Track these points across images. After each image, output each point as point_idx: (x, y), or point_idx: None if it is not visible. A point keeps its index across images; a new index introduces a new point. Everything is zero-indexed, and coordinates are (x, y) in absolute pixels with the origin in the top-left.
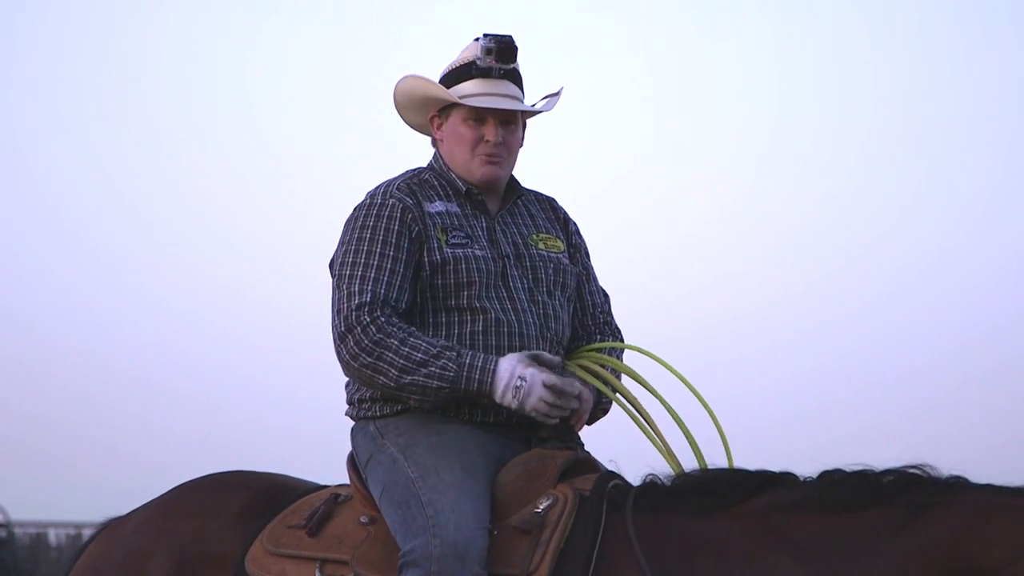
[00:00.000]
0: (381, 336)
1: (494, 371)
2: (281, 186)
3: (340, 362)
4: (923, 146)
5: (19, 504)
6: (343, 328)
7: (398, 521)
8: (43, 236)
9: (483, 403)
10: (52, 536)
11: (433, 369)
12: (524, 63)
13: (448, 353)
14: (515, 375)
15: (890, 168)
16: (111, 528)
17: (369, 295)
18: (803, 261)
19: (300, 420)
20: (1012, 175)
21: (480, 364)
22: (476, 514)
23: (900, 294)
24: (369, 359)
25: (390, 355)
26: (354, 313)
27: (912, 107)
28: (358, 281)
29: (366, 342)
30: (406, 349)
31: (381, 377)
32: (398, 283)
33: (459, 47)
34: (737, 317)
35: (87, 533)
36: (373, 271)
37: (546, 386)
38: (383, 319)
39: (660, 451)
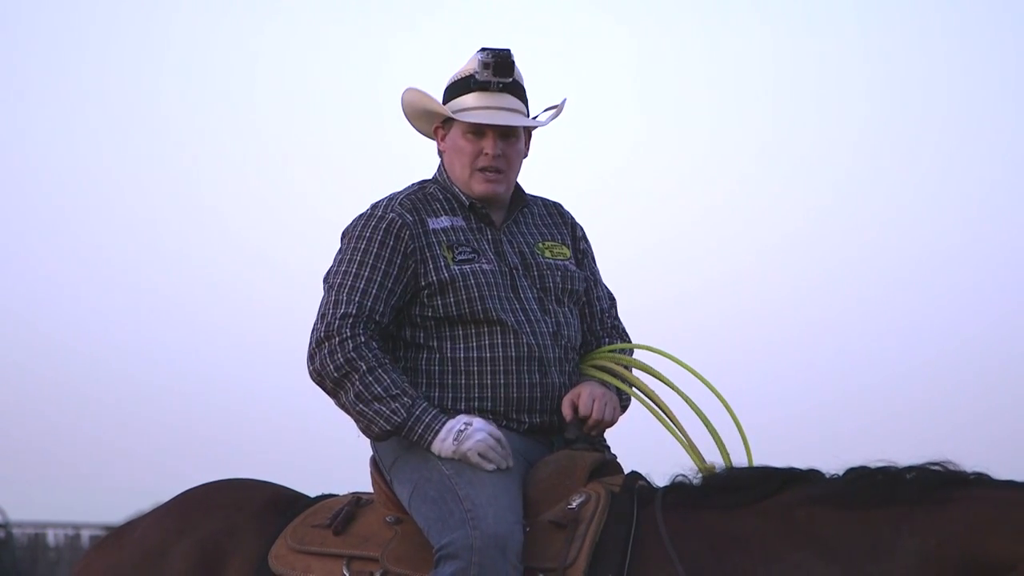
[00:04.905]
0: (354, 356)
1: (439, 429)
2: (285, 185)
3: (309, 364)
4: (924, 145)
5: (18, 504)
6: (323, 333)
7: (433, 516)
8: (44, 236)
9: (510, 415)
10: (51, 536)
11: (383, 408)
12: (523, 66)
13: (404, 399)
14: (460, 421)
15: (893, 166)
16: (115, 535)
17: (355, 307)
18: (801, 260)
19: (306, 425)
20: (1013, 173)
21: (428, 420)
22: (513, 508)
23: (899, 293)
24: (336, 374)
25: (355, 377)
26: (337, 322)
27: (909, 108)
28: (347, 291)
29: (339, 356)
30: (370, 378)
31: (341, 394)
32: (384, 297)
33: (461, 47)
34: (739, 314)
35: (86, 534)
36: (363, 283)
37: (490, 434)
38: (363, 339)
39: (682, 444)
